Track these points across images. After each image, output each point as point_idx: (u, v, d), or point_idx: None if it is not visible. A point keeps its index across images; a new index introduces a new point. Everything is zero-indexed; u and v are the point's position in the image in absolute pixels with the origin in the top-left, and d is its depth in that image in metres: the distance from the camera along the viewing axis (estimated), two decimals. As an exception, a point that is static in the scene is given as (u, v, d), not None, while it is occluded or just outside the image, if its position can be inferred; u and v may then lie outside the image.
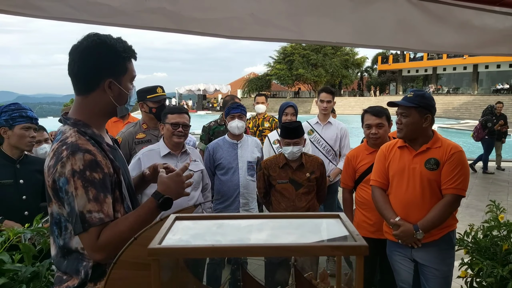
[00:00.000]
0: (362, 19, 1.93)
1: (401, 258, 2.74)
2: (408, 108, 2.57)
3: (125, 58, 1.52)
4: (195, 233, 0.87)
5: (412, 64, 48.65)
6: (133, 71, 1.58)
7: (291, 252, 0.80)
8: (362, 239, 0.81)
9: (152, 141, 3.41)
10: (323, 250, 0.80)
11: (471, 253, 2.99)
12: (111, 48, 1.48)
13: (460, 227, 3.07)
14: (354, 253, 0.80)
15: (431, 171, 2.56)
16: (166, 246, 0.77)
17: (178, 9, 1.67)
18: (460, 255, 3.02)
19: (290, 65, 48.85)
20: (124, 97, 1.56)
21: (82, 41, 1.47)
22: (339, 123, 4.53)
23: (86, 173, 1.38)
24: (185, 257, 0.82)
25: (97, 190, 1.39)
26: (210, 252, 0.77)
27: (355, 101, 44.02)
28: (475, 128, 10.44)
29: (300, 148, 3.25)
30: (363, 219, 3.26)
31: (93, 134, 1.51)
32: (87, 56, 1.47)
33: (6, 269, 1.75)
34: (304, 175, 3.29)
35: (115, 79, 1.52)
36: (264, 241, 0.84)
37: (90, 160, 1.40)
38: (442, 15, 2.17)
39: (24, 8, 1.47)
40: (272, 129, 5.01)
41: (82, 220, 1.37)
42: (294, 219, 0.95)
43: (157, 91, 3.52)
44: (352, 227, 0.87)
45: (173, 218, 0.92)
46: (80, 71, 1.50)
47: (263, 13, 1.80)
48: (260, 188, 3.44)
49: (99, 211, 1.38)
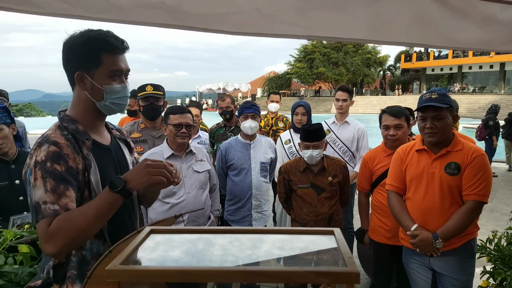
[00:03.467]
0: (376, 14, 1.81)
1: (418, 266, 2.60)
2: (442, 110, 2.39)
3: (96, 49, 1.45)
4: (166, 250, 0.78)
5: (436, 63, 47.52)
6: (114, 65, 1.49)
7: (265, 278, 0.70)
8: (354, 264, 0.70)
9: (147, 142, 3.34)
10: (305, 277, 0.69)
11: (493, 261, 2.83)
12: (83, 39, 1.44)
13: (484, 232, 2.91)
14: (343, 281, 0.68)
15: (452, 176, 2.41)
16: (128, 268, 0.68)
17: (178, 3, 1.59)
18: (482, 263, 2.87)
19: (310, 64, 48.58)
20: (99, 93, 1.49)
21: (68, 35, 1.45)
22: (356, 123, 4.38)
23: (47, 164, 1.34)
24: (146, 281, 0.74)
25: (56, 181, 1.33)
26: (174, 275, 0.68)
27: (377, 100, 43.38)
28: (478, 127, 10.26)
29: (320, 152, 3.12)
30: (379, 224, 3.13)
31: (76, 129, 1.47)
32: (65, 50, 1.47)
33: (3, 271, 1.72)
34: (326, 179, 3.16)
35: (86, 72, 1.46)
36: (242, 262, 0.75)
37: (54, 152, 1.36)
38: (463, 9, 2.02)
39: (19, 4, 1.42)
40: (286, 129, 4.91)
41: (36, 211, 1.32)
42: (283, 235, 0.85)
43: (146, 89, 3.41)
44: (345, 247, 0.76)
45: (147, 231, 0.84)
46: (63, 66, 1.49)
47: (269, 7, 1.70)
48: (280, 193, 3.34)
49: (55, 203, 1.32)
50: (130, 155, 1.76)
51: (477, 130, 10.29)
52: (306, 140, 3.10)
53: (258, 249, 0.80)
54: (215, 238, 0.85)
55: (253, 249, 0.80)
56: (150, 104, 3.39)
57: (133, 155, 1.81)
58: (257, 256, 0.78)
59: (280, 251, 0.81)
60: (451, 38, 2.07)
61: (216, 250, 0.79)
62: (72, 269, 1.42)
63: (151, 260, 0.75)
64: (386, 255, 3.12)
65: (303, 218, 3.18)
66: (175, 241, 0.83)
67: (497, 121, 10.14)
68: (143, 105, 3.43)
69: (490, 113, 10.27)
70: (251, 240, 0.83)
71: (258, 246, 0.81)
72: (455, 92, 42.31)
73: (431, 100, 2.41)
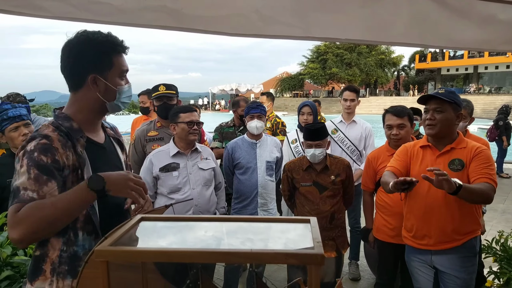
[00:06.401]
0: (373, 15, 1.85)
1: (420, 264, 2.62)
2: (444, 103, 2.42)
3: (109, 53, 1.51)
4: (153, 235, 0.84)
5: (451, 63, 46.88)
6: (122, 65, 1.56)
7: (239, 259, 0.75)
8: (320, 247, 0.75)
9: (164, 139, 3.44)
10: (275, 258, 0.75)
11: (499, 261, 2.83)
12: (93, 43, 1.48)
13: (493, 234, 2.90)
14: (309, 262, 0.73)
15: (456, 172, 2.42)
16: (116, 249, 0.74)
17: (179, 6, 1.65)
18: (489, 263, 2.86)
19: (323, 64, 48.43)
20: (112, 93, 1.55)
21: (70, 38, 1.48)
22: (364, 122, 4.40)
23: (34, 153, 1.37)
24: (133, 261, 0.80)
25: (40, 171, 1.36)
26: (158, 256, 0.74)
27: (391, 101, 42.93)
28: (489, 128, 10.14)
29: (323, 151, 3.16)
30: (383, 223, 3.15)
31: (70, 127, 1.50)
32: (71, 53, 1.49)
33: (11, 262, 1.80)
34: (328, 178, 3.20)
35: (100, 74, 1.51)
36: (220, 245, 0.81)
37: (43, 144, 1.39)
38: (462, 9, 2.05)
39: (27, 8, 1.50)
40: (273, 129, 4.98)
41: (14, 194, 1.33)
42: (263, 223, 0.91)
43: (159, 89, 3.54)
44: (316, 233, 0.81)
45: (138, 219, 0.90)
46: (67, 69, 1.52)
47: (268, 9, 1.75)
48: (284, 191, 3.40)
49: (35, 191, 1.33)
50: (122, 154, 1.80)
51: (488, 131, 10.20)
52: (308, 139, 3.14)
53: (240, 234, 0.86)
54: (200, 226, 0.91)
55: (235, 234, 0.86)
56: (163, 103, 3.52)
57: (125, 154, 1.85)
58: (238, 240, 0.84)
59: (259, 236, 0.86)
60: (449, 38, 2.09)
61: (201, 236, 0.85)
62: (63, 265, 1.44)
63: (139, 242, 0.82)
64: (390, 254, 3.13)
65: (305, 215, 3.22)
66: (163, 227, 0.90)
67: (508, 122, 10.00)
68: (157, 105, 3.56)
69: (500, 114, 10.15)
70: (234, 226, 0.89)
71: (239, 232, 0.87)
72: (470, 92, 41.70)
73: (436, 93, 2.47)
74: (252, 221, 0.94)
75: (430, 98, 2.47)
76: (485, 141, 3.22)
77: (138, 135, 3.54)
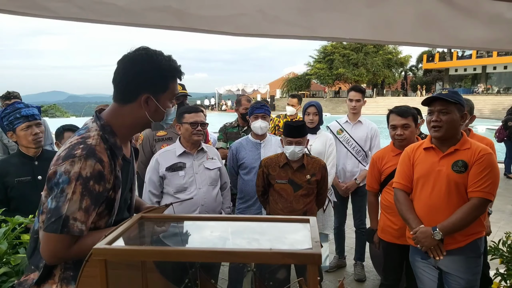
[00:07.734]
0: (379, 14, 1.83)
1: (425, 265, 2.61)
2: (449, 104, 2.41)
3: (167, 77, 1.52)
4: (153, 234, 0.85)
5: (459, 63, 46.55)
6: (175, 90, 1.57)
7: (237, 258, 0.75)
8: (318, 246, 0.75)
9: (173, 139, 3.46)
10: (273, 257, 0.75)
11: (506, 263, 2.80)
12: (155, 64, 1.48)
13: (500, 235, 2.88)
14: (306, 261, 0.73)
15: (459, 174, 2.41)
16: (113, 248, 0.75)
17: (184, 7, 1.65)
18: (495, 265, 2.84)
19: (330, 65, 48.33)
20: (161, 115, 1.55)
21: (131, 52, 1.49)
22: (369, 123, 4.39)
23: (90, 182, 1.35)
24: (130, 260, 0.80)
25: (91, 202, 1.36)
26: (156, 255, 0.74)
27: (398, 101, 42.71)
28: (497, 128, 10.04)
29: (302, 149, 3.16)
30: (388, 223, 3.13)
31: (115, 144, 1.49)
32: (129, 68, 1.49)
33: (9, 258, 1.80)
34: (304, 177, 3.20)
35: (153, 95, 1.51)
36: (222, 244, 0.80)
37: (99, 171, 1.37)
38: (469, 8, 2.02)
39: (32, 8, 1.50)
40: None
41: (64, 223, 1.32)
42: (263, 223, 0.91)
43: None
44: (315, 233, 0.81)
45: (137, 218, 0.90)
46: (121, 82, 1.51)
47: (272, 9, 1.74)
48: (258, 186, 3.38)
49: (84, 222, 1.34)
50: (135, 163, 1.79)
51: (497, 131, 10.12)
52: (289, 135, 3.13)
53: (239, 233, 0.86)
54: (200, 225, 0.91)
55: (235, 233, 0.86)
56: (181, 103, 3.62)
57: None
58: (237, 239, 0.84)
59: (258, 235, 0.86)
60: (457, 37, 2.07)
61: (200, 235, 0.86)
62: (68, 270, 1.44)
63: (138, 241, 0.82)
64: (395, 255, 3.12)
65: (278, 213, 3.21)
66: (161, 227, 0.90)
67: None
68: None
69: (509, 114, 10.06)
70: (233, 226, 0.89)
71: (239, 231, 0.87)
72: (479, 93, 41.36)
73: (440, 94, 2.46)
74: (252, 221, 0.94)
75: (435, 99, 2.46)
76: (489, 141, 3.18)
77: (146, 135, 3.56)
